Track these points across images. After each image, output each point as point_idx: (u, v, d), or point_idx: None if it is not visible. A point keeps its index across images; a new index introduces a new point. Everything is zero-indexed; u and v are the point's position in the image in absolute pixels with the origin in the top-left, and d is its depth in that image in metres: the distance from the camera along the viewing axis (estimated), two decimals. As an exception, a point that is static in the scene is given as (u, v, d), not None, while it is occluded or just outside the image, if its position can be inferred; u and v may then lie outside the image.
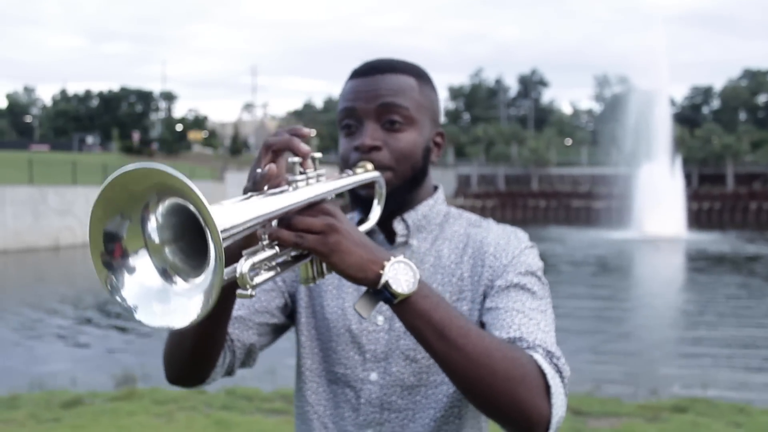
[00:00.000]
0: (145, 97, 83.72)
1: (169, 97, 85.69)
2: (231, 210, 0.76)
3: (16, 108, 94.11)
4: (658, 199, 28.80)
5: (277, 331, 1.28)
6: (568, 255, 20.84)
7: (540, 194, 48.00)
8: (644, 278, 17.38)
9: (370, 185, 1.17)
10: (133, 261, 0.77)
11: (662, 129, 34.27)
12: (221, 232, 0.70)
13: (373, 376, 1.20)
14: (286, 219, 0.90)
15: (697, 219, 36.60)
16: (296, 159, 0.92)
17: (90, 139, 69.05)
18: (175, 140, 71.20)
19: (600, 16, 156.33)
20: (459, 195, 48.46)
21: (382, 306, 1.21)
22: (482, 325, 1.13)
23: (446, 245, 1.23)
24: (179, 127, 75.70)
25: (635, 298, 14.02)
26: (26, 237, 21.82)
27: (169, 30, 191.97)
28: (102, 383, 6.61)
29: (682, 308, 12.71)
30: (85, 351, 9.05)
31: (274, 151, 0.95)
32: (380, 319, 1.21)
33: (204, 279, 0.74)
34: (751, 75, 73.67)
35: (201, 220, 0.71)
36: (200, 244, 0.75)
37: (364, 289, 0.98)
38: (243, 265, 0.79)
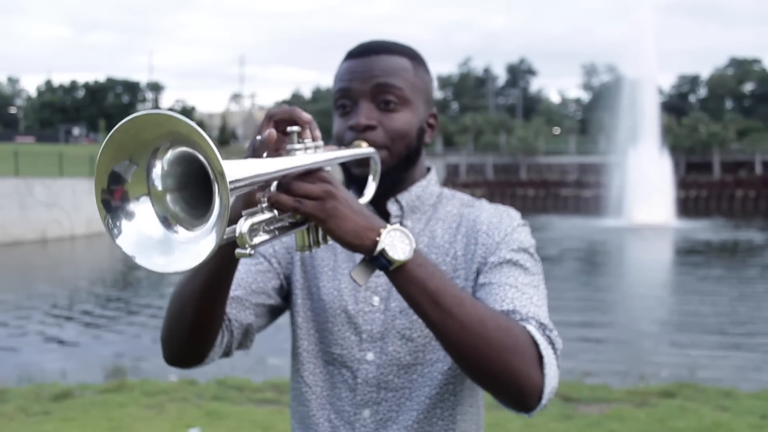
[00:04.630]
0: (131, 87, 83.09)
1: (156, 87, 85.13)
2: (237, 164, 0.78)
3: (0, 99, 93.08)
4: (646, 188, 28.94)
5: (273, 312, 1.28)
6: (557, 243, 20.93)
7: (529, 183, 48.10)
8: (633, 266, 17.50)
9: (364, 163, 1.18)
10: (133, 207, 0.79)
11: (650, 117, 34.40)
12: (229, 183, 0.72)
13: (370, 356, 1.21)
14: (284, 184, 0.91)
15: (684, 207, 36.84)
16: (295, 128, 0.94)
17: (76, 131, 68.39)
18: (163, 131, 70.59)
19: (588, 4, 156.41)
20: (448, 184, 48.14)
21: (378, 287, 1.22)
22: None
23: (440, 225, 1.24)
24: (166, 118, 75.01)
25: (624, 285, 14.12)
26: (13, 230, 21.61)
27: (155, 20, 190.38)
28: (92, 376, 6.58)
29: (670, 295, 12.81)
30: (74, 344, 9.00)
31: (276, 121, 0.96)
32: (376, 299, 1.22)
33: (206, 228, 0.76)
34: (737, 64, 74.07)
35: (209, 167, 0.73)
36: (202, 197, 0.78)
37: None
38: (243, 225, 0.82)
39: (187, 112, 79.49)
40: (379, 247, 0.93)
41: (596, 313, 10.83)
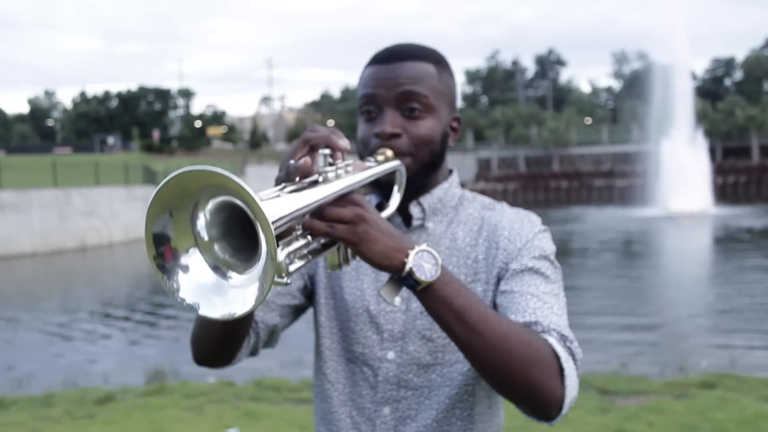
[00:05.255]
0: (163, 95, 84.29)
1: (186, 94, 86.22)
2: (276, 204, 0.80)
3: (38, 112, 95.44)
4: (682, 175, 28.39)
5: (298, 311, 1.33)
6: (593, 234, 20.68)
7: (561, 175, 47.61)
8: (672, 255, 17.18)
9: (390, 172, 1.20)
10: (185, 260, 0.81)
11: (684, 103, 33.69)
12: (272, 224, 0.74)
13: (390, 354, 1.24)
14: (317, 210, 0.94)
15: (722, 193, 36.01)
16: (326, 151, 0.96)
17: (111, 140, 69.78)
18: (195, 137, 71.90)
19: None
20: (480, 179, 48.19)
21: None
22: (495, 306, 1.17)
23: (461, 228, 1.27)
24: (198, 124, 76.36)
25: (663, 275, 13.88)
26: (53, 239, 22.16)
27: (183, 27, 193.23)
28: (133, 379, 6.73)
29: (709, 285, 12.56)
30: (115, 349, 9.21)
31: (312, 146, 0.98)
32: (397, 299, 1.24)
33: (256, 270, 0.78)
34: (773, 44, 72.01)
35: (253, 217, 0.76)
36: (246, 239, 0.80)
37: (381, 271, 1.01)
38: (279, 255, 0.83)
39: (218, 117, 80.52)
40: (407, 268, 0.97)
41: (634, 304, 10.68)
